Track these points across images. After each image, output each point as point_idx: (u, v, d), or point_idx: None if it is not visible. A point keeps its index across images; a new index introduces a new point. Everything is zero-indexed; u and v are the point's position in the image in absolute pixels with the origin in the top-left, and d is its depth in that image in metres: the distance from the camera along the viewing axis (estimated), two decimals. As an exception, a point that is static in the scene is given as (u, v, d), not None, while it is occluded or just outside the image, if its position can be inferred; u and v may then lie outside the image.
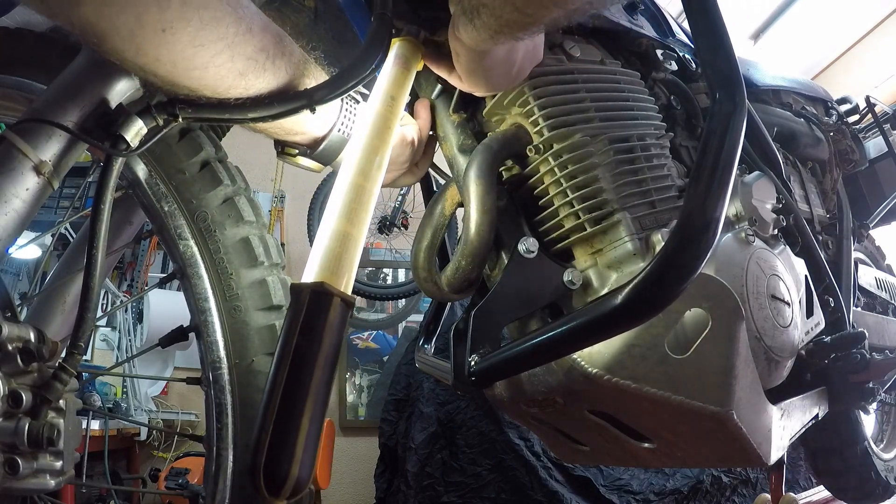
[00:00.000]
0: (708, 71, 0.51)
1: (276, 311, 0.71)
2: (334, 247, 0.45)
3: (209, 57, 0.50)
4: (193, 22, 0.47)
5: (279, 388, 0.39)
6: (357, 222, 0.48)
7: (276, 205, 3.40)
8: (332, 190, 0.52)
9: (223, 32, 0.50)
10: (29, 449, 0.48)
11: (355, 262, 0.46)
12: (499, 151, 0.68)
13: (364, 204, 0.50)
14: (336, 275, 0.44)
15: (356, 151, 0.53)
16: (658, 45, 0.87)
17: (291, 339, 0.40)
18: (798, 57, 3.60)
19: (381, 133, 0.55)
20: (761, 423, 0.66)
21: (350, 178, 0.51)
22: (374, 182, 0.52)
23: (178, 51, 0.48)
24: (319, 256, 0.45)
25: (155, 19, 0.45)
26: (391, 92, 0.59)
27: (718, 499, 2.43)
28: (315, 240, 0.47)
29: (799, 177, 1.13)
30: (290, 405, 0.38)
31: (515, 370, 0.63)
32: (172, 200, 0.70)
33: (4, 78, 0.69)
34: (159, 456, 2.79)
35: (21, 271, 3.31)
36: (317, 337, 0.40)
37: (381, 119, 0.56)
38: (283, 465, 0.37)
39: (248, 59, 0.53)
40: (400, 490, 2.36)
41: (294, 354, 0.39)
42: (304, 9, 0.82)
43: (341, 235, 0.46)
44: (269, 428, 0.38)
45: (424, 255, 0.72)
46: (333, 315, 0.41)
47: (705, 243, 0.46)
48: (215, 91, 0.55)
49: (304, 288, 0.42)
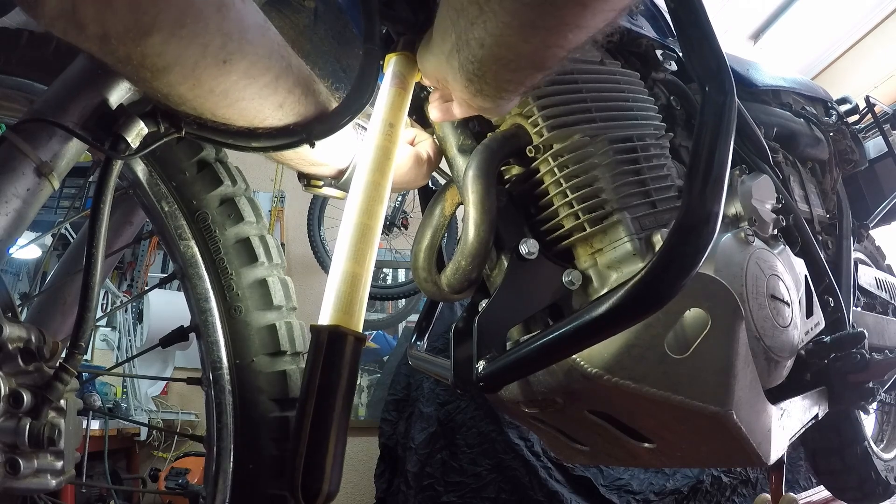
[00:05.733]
0: (695, 65, 0.50)
1: (276, 312, 0.72)
2: (346, 289, 0.50)
3: (258, 88, 0.52)
4: (249, 55, 0.49)
5: (308, 418, 0.46)
6: (364, 262, 0.51)
7: (276, 205, 3.39)
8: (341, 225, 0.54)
9: (271, 65, 0.52)
10: (30, 449, 0.48)
11: (365, 299, 0.51)
12: (498, 151, 0.68)
13: (370, 243, 0.52)
14: (348, 314, 0.49)
15: (359, 190, 0.55)
16: (658, 46, 0.87)
17: (315, 377, 0.47)
18: (798, 57, 3.60)
19: (381, 167, 0.57)
20: (761, 423, 0.66)
21: (355, 218, 0.53)
22: (378, 218, 0.54)
23: (233, 81, 0.50)
24: (333, 299, 0.50)
25: (218, 50, 0.47)
26: (389, 119, 0.60)
27: (718, 499, 2.43)
28: (328, 280, 0.51)
29: (799, 177, 1.13)
30: (318, 433, 0.46)
31: (523, 373, 0.63)
32: (173, 201, 0.70)
33: (5, 78, 0.69)
34: (159, 456, 2.79)
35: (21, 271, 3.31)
36: (336, 373, 0.47)
37: (380, 152, 0.58)
38: (317, 481, 0.45)
39: (288, 93, 0.56)
40: (400, 490, 2.36)
41: (319, 390, 0.46)
42: (304, 9, 0.82)
43: (350, 277, 0.50)
44: (303, 452, 0.45)
45: (424, 255, 0.72)
46: (348, 352, 0.48)
47: (706, 236, 0.46)
48: (252, 122, 0.56)
49: (322, 330, 0.48)
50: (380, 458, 2.61)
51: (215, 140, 0.57)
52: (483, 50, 0.46)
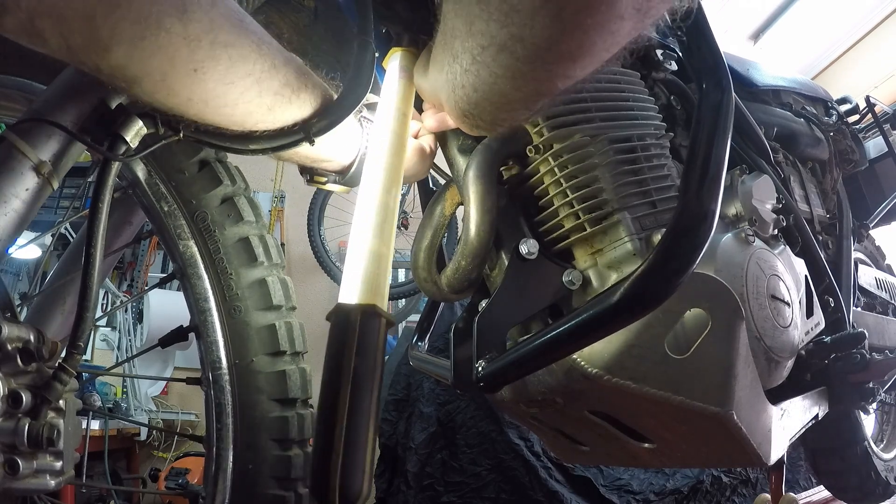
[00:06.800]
0: (693, 62, 0.50)
1: (275, 311, 0.71)
2: (373, 268, 0.46)
3: (238, 94, 0.51)
4: (223, 60, 0.48)
5: (343, 409, 0.39)
6: (387, 241, 0.49)
7: (276, 205, 3.40)
8: (357, 205, 0.52)
9: (250, 69, 0.50)
10: (29, 449, 0.48)
11: (389, 280, 0.48)
12: (498, 151, 0.68)
13: (391, 222, 0.51)
14: (379, 296, 0.45)
15: (379, 170, 0.54)
16: (658, 45, 0.86)
17: (349, 362, 0.40)
18: (798, 57, 3.60)
19: (398, 151, 0.57)
20: (761, 423, 0.66)
21: (378, 196, 0.52)
22: (397, 200, 0.53)
23: (209, 89, 0.49)
24: (361, 278, 0.46)
25: (186, 60, 0.45)
26: (401, 108, 0.60)
27: (718, 499, 2.43)
28: (349, 259, 0.48)
29: (799, 177, 1.13)
30: (354, 425, 0.39)
31: (522, 373, 0.63)
32: (172, 200, 0.70)
33: (4, 78, 0.69)
34: (159, 456, 2.79)
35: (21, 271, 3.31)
36: (371, 357, 0.41)
37: (396, 137, 0.57)
38: (357, 484, 0.38)
39: (275, 94, 0.54)
40: (400, 490, 2.36)
41: (354, 375, 0.40)
42: (304, 9, 0.82)
43: (378, 256, 0.47)
44: (340, 449, 0.38)
45: (424, 255, 0.72)
46: (382, 336, 0.43)
47: (703, 234, 0.46)
48: (244, 126, 0.56)
49: (352, 309, 0.43)
50: (380, 458, 2.61)
51: (213, 143, 0.57)
52: (476, 94, 0.47)
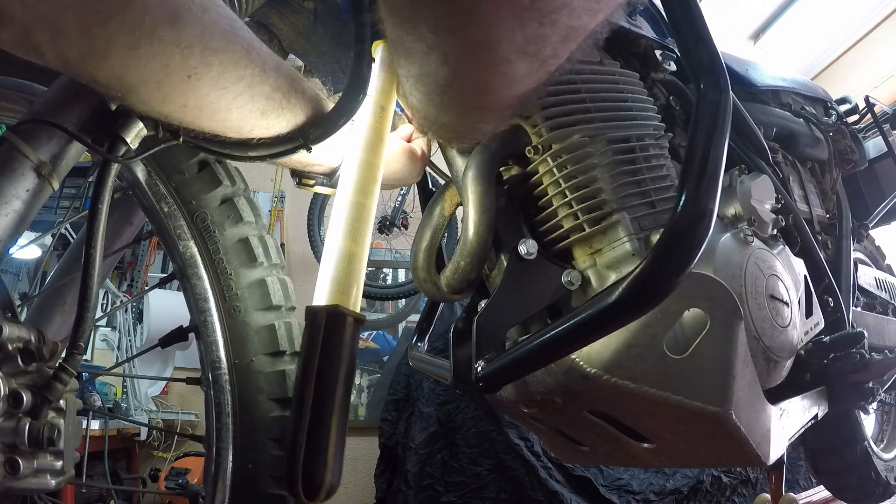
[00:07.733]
0: (690, 62, 0.50)
1: (275, 312, 0.72)
2: (342, 268, 0.48)
3: (231, 98, 0.52)
4: (215, 66, 0.49)
5: (307, 405, 0.42)
6: (360, 241, 0.50)
7: (275, 205, 3.39)
8: (333, 206, 0.53)
9: (242, 73, 0.51)
10: (29, 449, 0.48)
11: (362, 279, 0.49)
12: (497, 152, 0.68)
13: (365, 221, 0.51)
14: (346, 295, 0.47)
15: (353, 169, 0.54)
16: (657, 46, 0.86)
17: (313, 361, 0.43)
18: (798, 57, 3.60)
19: (374, 147, 0.56)
20: (760, 423, 0.66)
21: (349, 196, 0.52)
22: (373, 198, 0.53)
23: (203, 95, 0.50)
24: (330, 278, 0.47)
25: (180, 67, 0.46)
26: (380, 102, 0.60)
27: (718, 499, 2.43)
28: (322, 260, 0.49)
29: (798, 177, 1.13)
30: (318, 420, 0.42)
31: (521, 373, 0.63)
32: (172, 201, 0.70)
33: (5, 79, 0.69)
34: (159, 456, 2.79)
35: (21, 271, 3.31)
36: (336, 356, 0.44)
37: (373, 132, 0.57)
38: (319, 473, 0.41)
39: (266, 99, 0.55)
40: (400, 490, 2.36)
41: (318, 374, 0.43)
42: (304, 9, 0.82)
43: (347, 255, 0.48)
44: (303, 442, 0.42)
45: (424, 255, 0.72)
46: (348, 334, 0.45)
47: (701, 233, 0.46)
48: (239, 132, 0.56)
49: (319, 311, 0.45)
50: (380, 458, 2.61)
51: (212, 150, 0.58)
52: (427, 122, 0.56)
